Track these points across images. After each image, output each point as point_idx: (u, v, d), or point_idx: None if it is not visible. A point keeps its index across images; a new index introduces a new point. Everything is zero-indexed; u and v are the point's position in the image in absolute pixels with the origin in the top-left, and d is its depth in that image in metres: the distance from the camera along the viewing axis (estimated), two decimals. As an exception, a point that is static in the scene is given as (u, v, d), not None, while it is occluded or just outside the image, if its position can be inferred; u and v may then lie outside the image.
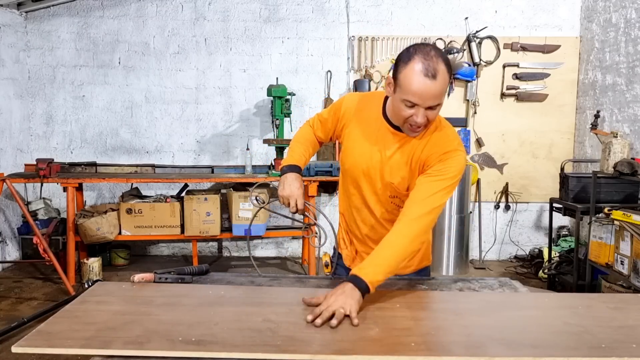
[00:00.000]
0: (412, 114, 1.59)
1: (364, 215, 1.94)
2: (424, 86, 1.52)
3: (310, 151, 2.00)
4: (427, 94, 1.53)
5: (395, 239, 1.65)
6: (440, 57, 1.55)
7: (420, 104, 1.55)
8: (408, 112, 1.59)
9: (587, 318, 1.53)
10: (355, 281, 1.56)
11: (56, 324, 1.43)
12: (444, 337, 1.40)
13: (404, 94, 1.56)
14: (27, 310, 4.03)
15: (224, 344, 1.32)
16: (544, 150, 5.58)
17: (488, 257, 5.68)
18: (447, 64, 1.56)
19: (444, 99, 1.60)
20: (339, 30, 5.50)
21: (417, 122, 1.59)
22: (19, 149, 5.41)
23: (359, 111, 1.84)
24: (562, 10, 5.47)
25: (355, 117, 1.84)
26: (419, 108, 1.56)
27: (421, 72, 1.52)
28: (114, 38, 5.50)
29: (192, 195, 4.78)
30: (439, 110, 1.63)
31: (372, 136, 1.78)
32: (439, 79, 1.52)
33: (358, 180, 1.86)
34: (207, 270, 1.93)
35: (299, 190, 1.83)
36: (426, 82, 1.52)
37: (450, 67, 1.58)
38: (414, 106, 1.57)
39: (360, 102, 1.86)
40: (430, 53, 1.54)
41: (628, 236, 3.53)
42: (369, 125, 1.80)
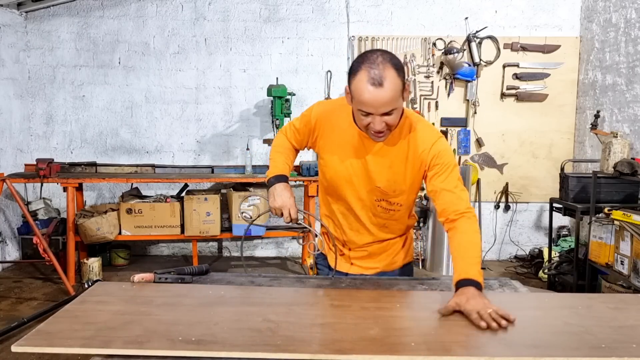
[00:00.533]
0: (369, 122, 1.60)
1: (350, 221, 1.95)
2: (373, 95, 1.53)
3: (292, 158, 2.00)
4: (378, 102, 1.54)
5: (472, 237, 1.68)
6: (387, 62, 1.55)
7: (373, 112, 1.57)
8: (366, 120, 1.60)
9: (587, 318, 1.53)
10: (474, 284, 1.56)
11: (56, 324, 1.43)
12: (444, 337, 1.40)
13: (357, 104, 1.59)
14: (27, 310, 4.03)
15: (223, 343, 1.32)
16: (544, 150, 5.58)
17: (488, 257, 5.68)
18: (396, 67, 1.56)
19: (400, 102, 1.61)
20: (339, 30, 5.50)
21: (375, 129, 1.60)
22: (19, 149, 5.41)
23: (330, 121, 1.83)
24: (562, 10, 5.47)
25: (328, 127, 1.83)
26: (374, 116, 1.58)
27: (368, 81, 1.52)
28: (114, 38, 5.50)
29: (192, 195, 4.78)
30: (398, 115, 1.64)
31: (348, 144, 1.79)
32: (387, 86, 1.52)
33: (341, 189, 1.87)
34: (207, 270, 1.93)
35: (290, 200, 1.83)
36: (374, 91, 1.52)
37: (402, 69, 1.59)
38: (369, 115, 1.58)
39: (330, 111, 1.85)
40: (376, 60, 1.54)
41: (628, 236, 3.53)
42: (342, 133, 1.80)
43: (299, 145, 2.00)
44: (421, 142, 1.74)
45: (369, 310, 1.57)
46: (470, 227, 1.69)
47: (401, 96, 1.60)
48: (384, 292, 1.75)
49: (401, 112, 1.68)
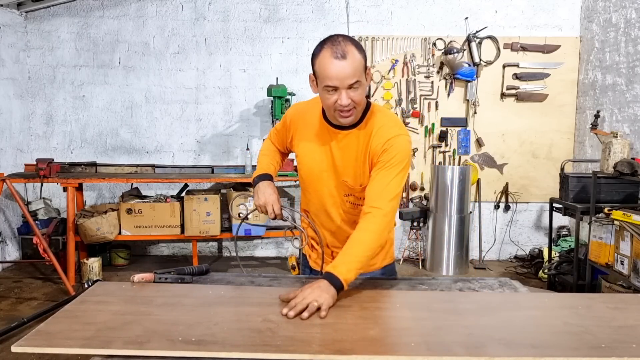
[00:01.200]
0: (336, 99, 1.65)
1: (322, 220, 1.96)
2: (337, 67, 1.60)
3: (277, 159, 2.06)
4: (342, 74, 1.61)
5: (362, 236, 1.68)
6: (348, 40, 1.64)
7: (339, 85, 1.62)
8: (332, 98, 1.65)
9: (587, 318, 1.53)
10: (330, 279, 1.59)
11: (56, 324, 1.43)
12: (444, 337, 1.40)
13: (322, 81, 1.64)
14: (27, 310, 4.03)
15: (223, 343, 1.32)
16: (544, 150, 5.58)
17: (488, 257, 5.68)
18: (357, 46, 1.64)
19: (364, 79, 1.66)
20: (339, 30, 5.49)
21: (342, 104, 1.65)
22: (19, 149, 5.41)
23: (302, 119, 1.90)
24: (562, 10, 5.47)
25: (300, 126, 1.90)
26: (340, 90, 1.63)
27: (332, 56, 1.61)
28: (114, 38, 5.50)
29: (192, 195, 4.78)
30: (363, 91, 1.68)
31: (317, 140, 1.84)
32: (349, 58, 1.60)
33: (314, 185, 1.90)
34: (207, 270, 1.93)
35: (272, 196, 1.86)
36: (338, 64, 1.60)
37: (363, 50, 1.67)
38: (335, 90, 1.64)
39: (302, 110, 1.93)
40: (337, 39, 1.64)
41: (628, 236, 3.53)
42: (313, 129, 1.86)
43: (281, 146, 2.06)
44: (380, 135, 1.74)
45: (369, 310, 1.57)
46: (368, 225, 1.69)
47: (363, 74, 1.66)
48: (384, 292, 1.75)
49: (365, 90, 1.71)
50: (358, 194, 1.82)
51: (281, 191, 5.73)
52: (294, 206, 5.53)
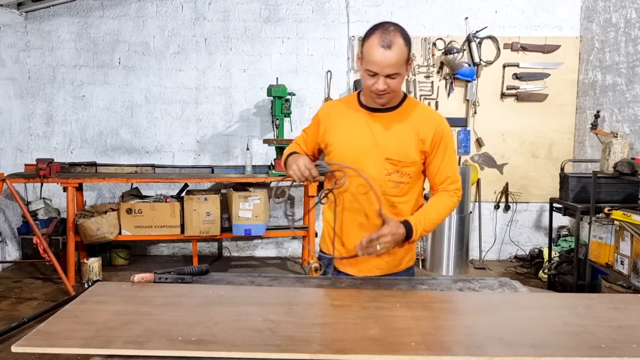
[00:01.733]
0: (374, 82, 1.77)
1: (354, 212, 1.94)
2: (380, 55, 1.71)
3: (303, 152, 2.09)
4: (384, 63, 1.72)
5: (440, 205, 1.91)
6: (398, 32, 1.74)
7: (379, 72, 1.74)
8: (371, 80, 1.78)
9: (587, 318, 1.53)
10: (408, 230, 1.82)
11: (56, 324, 1.43)
12: (444, 336, 1.40)
13: (365, 64, 1.77)
14: (27, 310, 4.03)
15: (223, 343, 1.32)
16: (544, 150, 5.58)
17: (488, 257, 5.68)
18: (404, 38, 1.75)
19: (403, 70, 1.78)
20: (339, 30, 5.50)
21: (378, 88, 1.77)
22: (19, 149, 5.41)
23: (334, 111, 1.99)
24: (562, 10, 5.47)
25: (333, 117, 1.97)
26: (379, 76, 1.75)
27: (378, 43, 1.71)
28: (114, 38, 5.50)
29: (192, 195, 4.78)
30: (401, 80, 1.81)
31: (355, 125, 1.92)
32: (394, 49, 1.71)
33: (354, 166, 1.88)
34: (207, 270, 1.93)
35: (303, 159, 1.87)
36: (383, 52, 1.71)
37: (409, 42, 1.78)
38: (375, 75, 1.75)
39: (334, 104, 2.05)
40: (389, 28, 1.75)
41: (628, 236, 3.53)
42: (348, 117, 1.94)
43: (307, 147, 2.10)
44: (429, 122, 1.89)
45: (369, 310, 1.57)
46: (446, 200, 1.92)
47: (405, 65, 1.78)
48: (384, 292, 1.75)
49: (403, 80, 1.83)
50: (403, 170, 1.88)
51: (281, 191, 5.72)
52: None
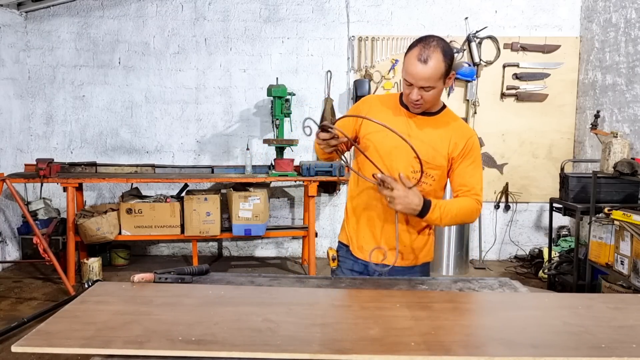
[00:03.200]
0: (409, 92, 1.87)
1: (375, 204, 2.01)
2: (416, 69, 1.80)
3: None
4: (418, 75, 1.81)
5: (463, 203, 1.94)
6: (439, 47, 1.80)
7: (413, 83, 1.83)
8: (407, 89, 1.88)
9: (587, 318, 1.53)
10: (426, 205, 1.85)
11: (56, 324, 1.43)
12: (444, 336, 1.40)
13: (403, 74, 1.88)
14: (27, 310, 4.03)
15: (223, 343, 1.32)
16: (544, 150, 5.58)
17: (488, 257, 5.68)
18: (445, 53, 1.81)
19: (440, 84, 1.85)
20: (339, 30, 5.50)
21: (412, 98, 1.87)
22: (19, 149, 5.41)
23: (377, 103, 2.05)
24: (562, 10, 5.47)
25: (376, 108, 2.03)
26: (414, 87, 1.84)
27: (416, 56, 1.80)
28: (114, 38, 5.50)
29: (192, 195, 4.78)
30: (436, 93, 1.88)
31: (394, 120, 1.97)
32: (430, 64, 1.78)
33: (383, 157, 1.95)
34: (207, 270, 1.93)
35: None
36: (418, 66, 1.80)
37: (450, 57, 1.84)
38: (410, 85, 1.85)
39: (377, 97, 2.13)
40: (431, 43, 1.81)
41: (628, 236, 3.53)
42: (389, 112, 2.01)
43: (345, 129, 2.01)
44: (462, 132, 1.99)
45: (369, 310, 1.57)
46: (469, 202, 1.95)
47: (442, 79, 1.85)
48: (384, 292, 1.75)
49: (439, 93, 1.91)
50: (428, 171, 1.93)
51: (281, 191, 5.73)
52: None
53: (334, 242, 5.72)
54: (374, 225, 2.04)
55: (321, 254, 5.66)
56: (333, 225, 5.75)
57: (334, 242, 5.73)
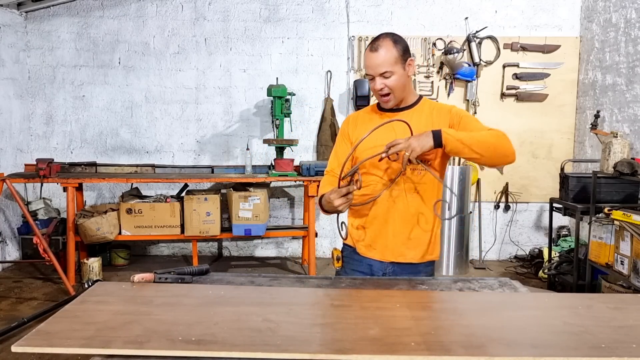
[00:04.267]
0: (373, 84, 1.98)
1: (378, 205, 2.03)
2: (370, 59, 1.95)
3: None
4: (373, 64, 1.94)
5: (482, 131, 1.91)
6: (388, 37, 1.95)
7: (372, 73, 1.96)
8: (371, 84, 2.00)
9: (587, 318, 1.53)
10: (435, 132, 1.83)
11: (56, 324, 1.43)
12: (444, 336, 1.40)
13: (365, 71, 1.99)
14: (27, 310, 4.03)
15: (223, 343, 1.32)
16: (544, 150, 5.58)
17: (488, 257, 5.68)
18: (394, 40, 1.94)
19: (398, 69, 1.94)
20: (339, 30, 5.50)
21: (376, 88, 1.97)
22: (19, 149, 5.41)
23: (355, 120, 2.15)
24: (562, 10, 5.47)
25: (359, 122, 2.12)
26: (375, 78, 1.96)
27: (368, 49, 1.97)
28: (114, 38, 5.50)
29: (192, 195, 4.78)
30: (398, 79, 1.95)
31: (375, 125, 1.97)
32: (381, 50, 1.92)
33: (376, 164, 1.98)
34: (207, 270, 1.93)
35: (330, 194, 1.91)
36: (371, 55, 1.95)
37: (401, 42, 1.97)
38: (372, 78, 1.97)
39: (354, 115, 2.20)
40: (380, 36, 1.97)
41: (628, 236, 3.53)
42: (369, 121, 2.07)
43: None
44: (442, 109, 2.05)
45: (369, 310, 1.57)
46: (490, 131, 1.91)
47: (399, 64, 1.94)
48: (384, 292, 1.75)
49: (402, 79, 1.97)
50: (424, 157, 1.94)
51: (281, 191, 5.73)
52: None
53: (334, 242, 5.72)
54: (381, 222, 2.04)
55: (321, 254, 5.66)
56: (333, 225, 5.75)
57: (334, 242, 5.73)
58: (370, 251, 2.08)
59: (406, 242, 2.04)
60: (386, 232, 2.04)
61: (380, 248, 2.05)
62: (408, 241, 2.04)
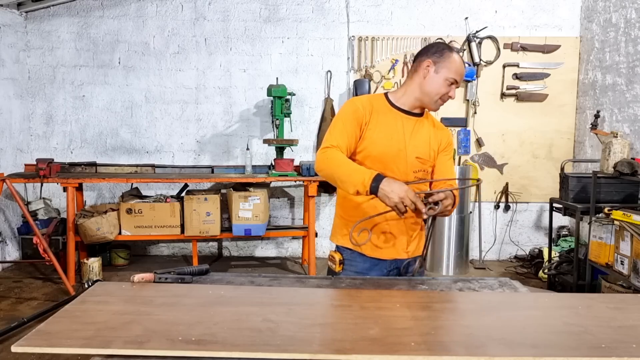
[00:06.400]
0: (449, 90, 2.04)
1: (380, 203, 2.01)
2: (460, 64, 2.03)
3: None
4: (462, 71, 2.05)
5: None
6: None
7: (459, 79, 2.04)
8: (447, 88, 2.03)
9: (587, 318, 1.53)
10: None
11: (56, 324, 1.43)
12: (444, 336, 1.40)
13: (451, 73, 2.01)
14: (27, 310, 4.03)
15: (223, 343, 1.32)
16: (544, 150, 5.58)
17: (488, 257, 5.68)
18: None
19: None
20: (339, 30, 5.50)
21: (452, 96, 2.07)
22: (19, 149, 5.41)
23: (370, 106, 2.07)
24: (562, 10, 5.47)
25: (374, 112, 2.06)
26: (455, 86, 2.05)
27: (459, 59, 2.04)
28: (114, 38, 5.50)
29: (192, 195, 4.78)
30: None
31: (391, 124, 2.06)
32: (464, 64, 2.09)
33: (390, 164, 2.02)
34: (207, 270, 1.93)
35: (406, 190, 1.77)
36: (461, 62, 2.04)
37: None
38: (453, 84, 2.03)
39: (367, 100, 2.10)
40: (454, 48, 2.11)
41: (628, 236, 3.53)
42: (384, 116, 2.07)
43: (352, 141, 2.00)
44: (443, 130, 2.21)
45: (369, 310, 1.57)
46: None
47: None
48: (384, 292, 1.75)
49: None
50: (426, 168, 2.12)
51: (281, 191, 5.73)
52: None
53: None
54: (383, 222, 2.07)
55: (321, 254, 5.66)
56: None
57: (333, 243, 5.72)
58: (376, 251, 2.09)
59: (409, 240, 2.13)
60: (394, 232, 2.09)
61: (387, 247, 2.10)
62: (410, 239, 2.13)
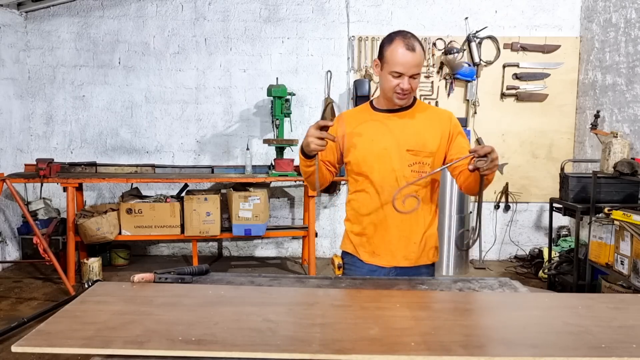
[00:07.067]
0: (398, 83, 1.95)
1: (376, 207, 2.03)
2: (406, 57, 1.91)
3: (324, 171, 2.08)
4: (409, 63, 1.91)
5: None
6: (415, 38, 1.96)
7: (404, 72, 1.92)
8: (395, 82, 1.95)
9: (587, 318, 1.53)
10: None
11: (56, 324, 1.43)
12: (444, 336, 1.40)
13: (391, 66, 1.94)
14: (27, 310, 4.03)
15: (223, 343, 1.32)
16: (544, 150, 5.58)
17: (488, 257, 5.68)
18: (420, 43, 1.96)
19: (420, 72, 1.97)
20: (339, 30, 5.50)
21: (403, 88, 1.95)
22: (19, 149, 5.41)
23: (349, 118, 2.11)
24: (562, 10, 5.47)
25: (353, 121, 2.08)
26: (404, 77, 1.93)
27: (403, 47, 1.92)
28: (114, 38, 5.50)
29: (192, 195, 4.78)
30: (418, 82, 1.99)
31: (372, 126, 2.04)
32: (417, 52, 1.92)
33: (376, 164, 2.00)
34: (207, 270, 1.93)
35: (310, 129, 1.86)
36: (408, 54, 1.91)
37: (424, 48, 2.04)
38: (400, 76, 1.93)
39: (347, 113, 2.18)
40: (408, 34, 1.96)
41: (628, 236, 3.53)
42: (364, 121, 2.07)
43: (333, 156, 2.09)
44: (442, 114, 2.10)
45: (369, 310, 1.57)
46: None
47: (421, 66, 1.96)
48: (384, 292, 1.75)
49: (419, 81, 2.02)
50: (423, 160, 2.02)
51: (281, 191, 5.73)
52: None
53: (334, 242, 5.72)
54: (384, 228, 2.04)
55: (321, 254, 5.66)
56: (333, 225, 5.75)
57: (334, 242, 5.73)
58: (374, 257, 2.08)
59: (408, 246, 2.05)
60: (389, 238, 2.04)
61: (384, 254, 2.06)
62: (410, 245, 2.05)
